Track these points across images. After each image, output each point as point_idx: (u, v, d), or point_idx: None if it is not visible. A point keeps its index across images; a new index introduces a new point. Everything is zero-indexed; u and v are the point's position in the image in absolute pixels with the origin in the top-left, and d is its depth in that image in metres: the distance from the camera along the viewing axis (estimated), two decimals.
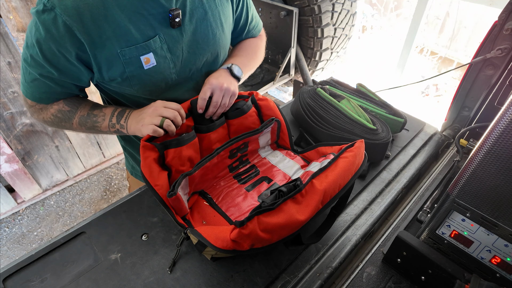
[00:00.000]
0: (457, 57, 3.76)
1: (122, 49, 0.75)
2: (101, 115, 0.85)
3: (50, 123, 0.88)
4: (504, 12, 0.88)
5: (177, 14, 0.78)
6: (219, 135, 0.90)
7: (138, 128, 0.79)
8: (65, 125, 0.87)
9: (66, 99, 0.86)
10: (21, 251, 2.14)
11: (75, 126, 0.87)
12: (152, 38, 0.78)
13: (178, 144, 0.79)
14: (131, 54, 0.77)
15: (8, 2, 1.75)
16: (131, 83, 0.82)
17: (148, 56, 0.79)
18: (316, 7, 2.31)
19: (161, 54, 0.81)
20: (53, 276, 0.73)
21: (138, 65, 0.79)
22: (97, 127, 0.86)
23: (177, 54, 0.84)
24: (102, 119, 0.85)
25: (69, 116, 0.86)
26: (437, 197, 0.90)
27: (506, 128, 0.48)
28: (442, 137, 1.16)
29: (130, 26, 0.75)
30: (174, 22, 0.79)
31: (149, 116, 0.78)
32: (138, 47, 0.77)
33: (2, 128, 1.98)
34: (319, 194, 0.63)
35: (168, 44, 0.81)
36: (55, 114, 0.85)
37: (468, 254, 0.66)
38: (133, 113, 0.84)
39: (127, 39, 0.75)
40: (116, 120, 0.84)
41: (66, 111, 0.85)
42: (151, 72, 0.81)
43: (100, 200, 2.47)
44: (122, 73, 0.79)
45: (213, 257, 0.74)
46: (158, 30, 0.78)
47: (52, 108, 0.85)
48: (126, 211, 0.87)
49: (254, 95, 0.95)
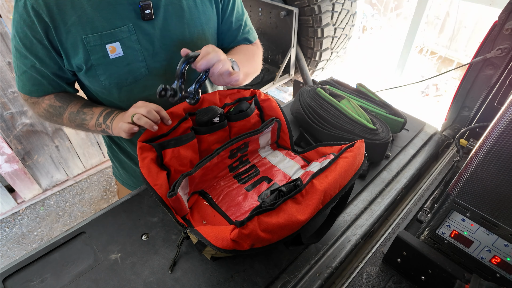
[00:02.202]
0: (457, 57, 3.77)
1: (86, 36, 0.77)
2: (89, 113, 0.87)
3: (44, 117, 0.91)
4: (504, 12, 0.88)
5: (147, 6, 0.79)
6: (219, 137, 0.90)
7: (118, 128, 0.79)
8: (57, 120, 0.90)
9: (58, 94, 0.88)
10: (21, 251, 2.14)
11: (65, 122, 0.89)
12: (120, 27, 0.79)
13: (176, 144, 0.79)
14: (95, 42, 0.78)
15: (8, 2, 1.75)
16: (97, 72, 0.82)
17: (114, 45, 0.80)
18: (316, 7, 2.31)
19: (129, 45, 0.81)
20: (53, 276, 0.73)
21: (103, 53, 0.79)
22: (85, 124, 0.87)
23: (147, 47, 0.84)
24: (90, 117, 0.86)
25: (59, 112, 0.88)
26: (437, 197, 0.90)
27: (506, 128, 0.48)
28: (442, 137, 1.16)
29: (97, 14, 0.76)
30: (144, 14, 0.80)
31: (128, 115, 0.78)
32: (102, 35, 0.78)
33: (2, 128, 1.98)
34: (319, 194, 0.63)
35: (137, 36, 0.81)
36: (46, 108, 0.88)
37: (468, 254, 0.66)
38: (119, 116, 0.84)
39: (92, 26, 0.76)
40: (103, 120, 0.85)
41: (57, 106, 0.87)
42: (117, 62, 0.82)
43: (100, 200, 2.47)
44: (87, 60, 0.79)
45: (213, 257, 0.74)
46: (127, 21, 0.79)
47: (43, 102, 0.87)
48: (126, 211, 0.87)
49: (257, 95, 0.95)
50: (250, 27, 1.07)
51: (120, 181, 1.22)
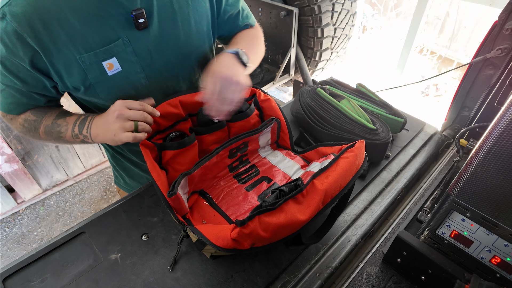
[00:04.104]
0: (457, 57, 3.77)
1: (80, 56, 0.71)
2: (63, 125, 0.80)
3: (22, 133, 0.85)
4: (504, 12, 0.88)
5: (141, 15, 0.73)
6: (218, 137, 0.90)
7: (111, 138, 0.73)
8: (34, 135, 0.83)
9: (33, 109, 0.82)
10: (21, 251, 2.14)
11: (42, 136, 0.82)
12: (114, 41, 0.73)
13: (178, 147, 0.80)
14: (91, 60, 0.72)
15: None
16: (96, 91, 0.78)
17: (111, 62, 0.75)
18: (316, 7, 2.31)
19: (126, 58, 0.76)
20: (53, 276, 0.73)
21: (100, 71, 0.75)
22: (62, 137, 0.81)
23: (144, 57, 0.79)
24: (65, 129, 0.80)
25: (35, 126, 0.81)
26: (437, 197, 0.90)
27: (506, 128, 0.48)
28: (442, 137, 1.16)
29: (88, 29, 0.70)
30: (138, 23, 0.74)
31: (117, 122, 0.71)
32: (97, 53, 0.72)
33: (2, 128, 1.98)
34: (320, 194, 0.63)
35: (133, 47, 0.76)
36: (22, 123, 0.82)
37: (468, 254, 0.66)
38: (95, 121, 0.77)
39: (84, 43, 0.71)
40: (78, 130, 0.79)
41: (32, 121, 0.81)
42: (116, 78, 0.77)
43: (100, 200, 2.47)
44: (84, 80, 0.75)
45: (213, 255, 0.74)
46: (120, 33, 0.74)
47: (19, 118, 0.82)
48: (126, 211, 0.87)
49: (257, 95, 0.95)
50: (247, 11, 1.01)
51: (126, 189, 1.18)
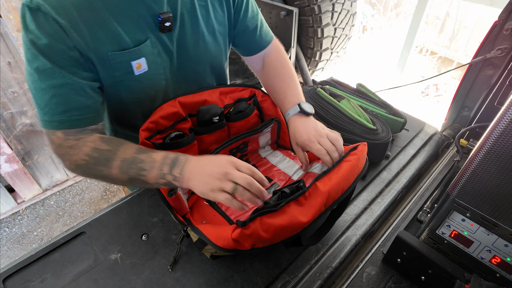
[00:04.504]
0: (457, 57, 3.76)
1: (113, 52, 0.71)
2: (148, 161, 0.66)
3: (84, 167, 0.68)
4: (504, 12, 0.88)
5: (168, 18, 0.75)
6: (217, 137, 0.90)
7: (206, 191, 0.63)
8: (101, 170, 0.67)
9: (103, 137, 0.71)
10: (21, 251, 2.14)
11: (114, 172, 0.67)
12: (144, 42, 0.74)
13: (177, 146, 0.79)
14: (122, 59, 0.73)
15: (8, 2, 1.75)
16: (119, 89, 0.77)
17: (140, 62, 0.75)
18: (316, 7, 2.31)
19: (152, 59, 0.78)
20: (53, 276, 0.73)
21: (128, 70, 0.75)
22: (142, 176, 0.66)
23: (165, 59, 0.81)
24: (149, 167, 0.65)
25: (107, 157, 0.67)
26: (437, 197, 0.90)
27: (506, 128, 0.48)
28: (442, 137, 1.16)
29: (120, 28, 0.70)
30: (164, 27, 0.75)
31: (219, 179, 0.62)
32: (131, 52, 0.73)
33: (2, 128, 1.98)
34: (323, 196, 0.63)
35: (158, 49, 0.78)
36: (89, 153, 0.67)
37: (468, 254, 0.66)
38: (191, 163, 0.66)
39: (118, 42, 0.71)
40: (169, 169, 0.65)
41: (105, 151, 0.67)
42: (141, 78, 0.78)
43: (100, 200, 2.47)
44: (110, 77, 0.74)
45: (213, 255, 0.74)
46: (148, 34, 0.75)
47: (85, 145, 0.68)
48: (126, 211, 0.87)
49: (257, 95, 0.95)
50: (266, 25, 1.01)
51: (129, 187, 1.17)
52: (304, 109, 0.83)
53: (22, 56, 1.87)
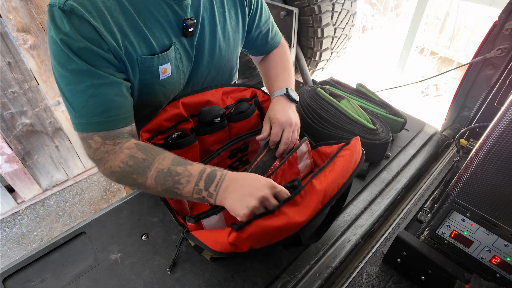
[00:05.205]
0: (457, 57, 3.76)
1: (142, 56, 0.71)
2: (185, 175, 0.64)
3: (119, 175, 0.67)
4: (504, 12, 0.88)
5: (192, 24, 0.76)
6: (218, 137, 0.90)
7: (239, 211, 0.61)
8: (136, 179, 0.66)
9: (139, 143, 0.69)
10: (21, 251, 2.14)
11: (149, 182, 0.65)
12: (169, 47, 0.75)
13: (178, 147, 0.80)
14: (151, 63, 0.73)
15: (8, 2, 1.75)
16: (142, 91, 0.77)
17: (166, 66, 0.76)
18: (316, 7, 2.31)
19: (176, 64, 0.78)
20: (53, 276, 0.73)
21: (154, 74, 0.75)
22: (177, 189, 0.64)
23: (186, 64, 0.82)
24: (186, 181, 0.64)
25: (143, 167, 0.65)
26: (437, 197, 0.90)
27: (506, 128, 0.48)
28: (442, 137, 1.16)
29: (149, 32, 0.71)
30: (188, 32, 0.76)
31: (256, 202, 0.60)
32: (159, 57, 0.73)
33: (2, 128, 1.98)
34: (319, 194, 0.63)
35: (180, 54, 0.79)
36: (125, 161, 0.66)
37: (468, 254, 0.66)
38: (228, 180, 0.64)
39: (148, 46, 0.71)
40: (204, 186, 0.63)
41: (141, 160, 0.66)
42: (165, 82, 0.78)
43: (100, 200, 2.47)
44: (137, 80, 0.74)
45: (213, 257, 0.74)
46: (173, 39, 0.76)
47: (122, 152, 0.67)
48: (126, 211, 0.87)
49: (257, 95, 0.95)
50: (275, 27, 1.04)
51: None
52: (290, 94, 0.88)
53: (22, 56, 1.87)
